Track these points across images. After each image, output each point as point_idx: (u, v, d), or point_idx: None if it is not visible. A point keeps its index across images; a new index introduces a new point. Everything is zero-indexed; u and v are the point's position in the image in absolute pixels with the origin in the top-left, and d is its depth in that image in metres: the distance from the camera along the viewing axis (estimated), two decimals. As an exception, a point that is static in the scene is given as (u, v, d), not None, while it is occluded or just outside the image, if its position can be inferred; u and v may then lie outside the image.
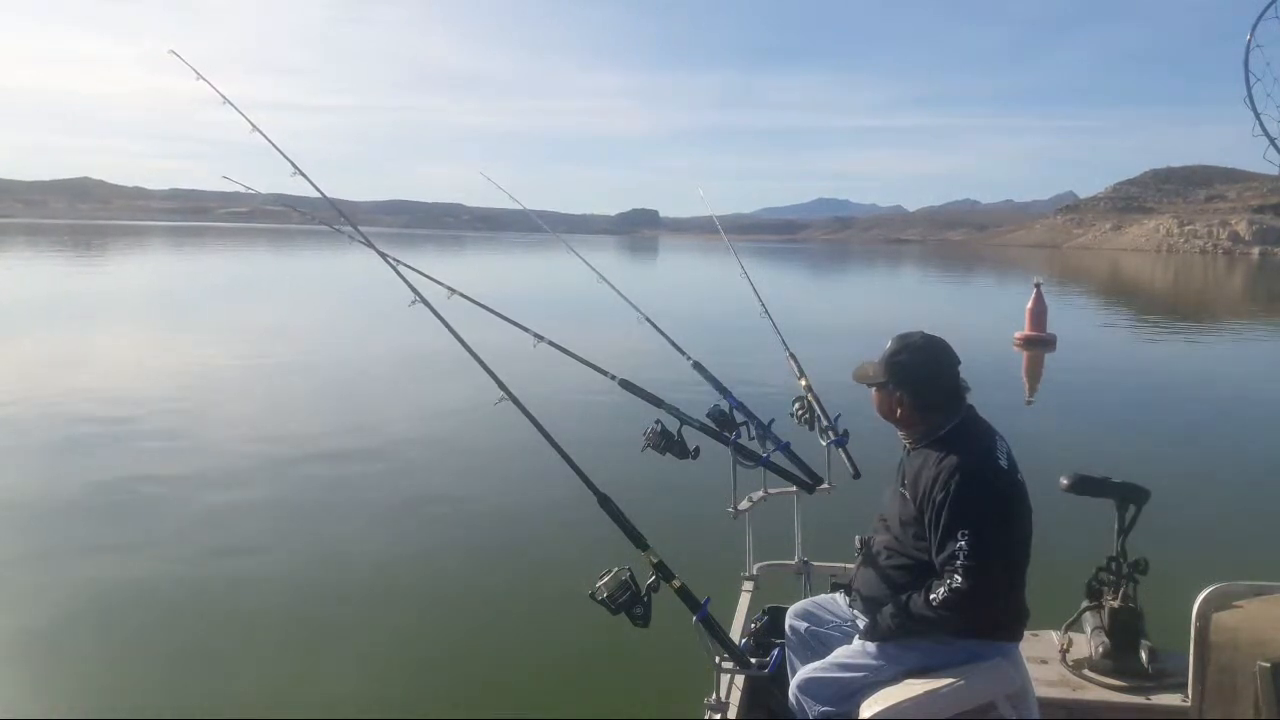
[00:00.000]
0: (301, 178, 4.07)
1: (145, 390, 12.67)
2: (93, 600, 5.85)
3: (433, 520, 7.53)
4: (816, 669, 2.99)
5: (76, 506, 7.65)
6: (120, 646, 5.28)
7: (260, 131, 3.89)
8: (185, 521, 7.33)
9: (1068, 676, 3.49)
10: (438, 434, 10.61)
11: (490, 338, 3.65)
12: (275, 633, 5.47)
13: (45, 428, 10.35)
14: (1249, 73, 3.32)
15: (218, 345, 17.40)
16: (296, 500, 8.00)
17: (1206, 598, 2.82)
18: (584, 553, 5.40)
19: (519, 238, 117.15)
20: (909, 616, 2.78)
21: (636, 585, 2.79)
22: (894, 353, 2.97)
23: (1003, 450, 2.82)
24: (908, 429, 2.97)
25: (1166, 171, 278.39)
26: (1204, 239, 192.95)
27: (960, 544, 2.65)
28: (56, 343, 17.32)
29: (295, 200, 4.92)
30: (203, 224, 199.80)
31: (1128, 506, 3.51)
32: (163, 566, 6.41)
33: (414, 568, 6.51)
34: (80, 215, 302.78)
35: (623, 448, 4.56)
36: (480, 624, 5.68)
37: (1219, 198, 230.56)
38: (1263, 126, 3.33)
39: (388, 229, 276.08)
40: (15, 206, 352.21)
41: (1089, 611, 3.62)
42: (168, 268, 46.36)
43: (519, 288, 33.92)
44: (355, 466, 9.07)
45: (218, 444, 9.87)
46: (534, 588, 6.14)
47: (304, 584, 6.18)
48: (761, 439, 3.93)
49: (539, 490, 7.82)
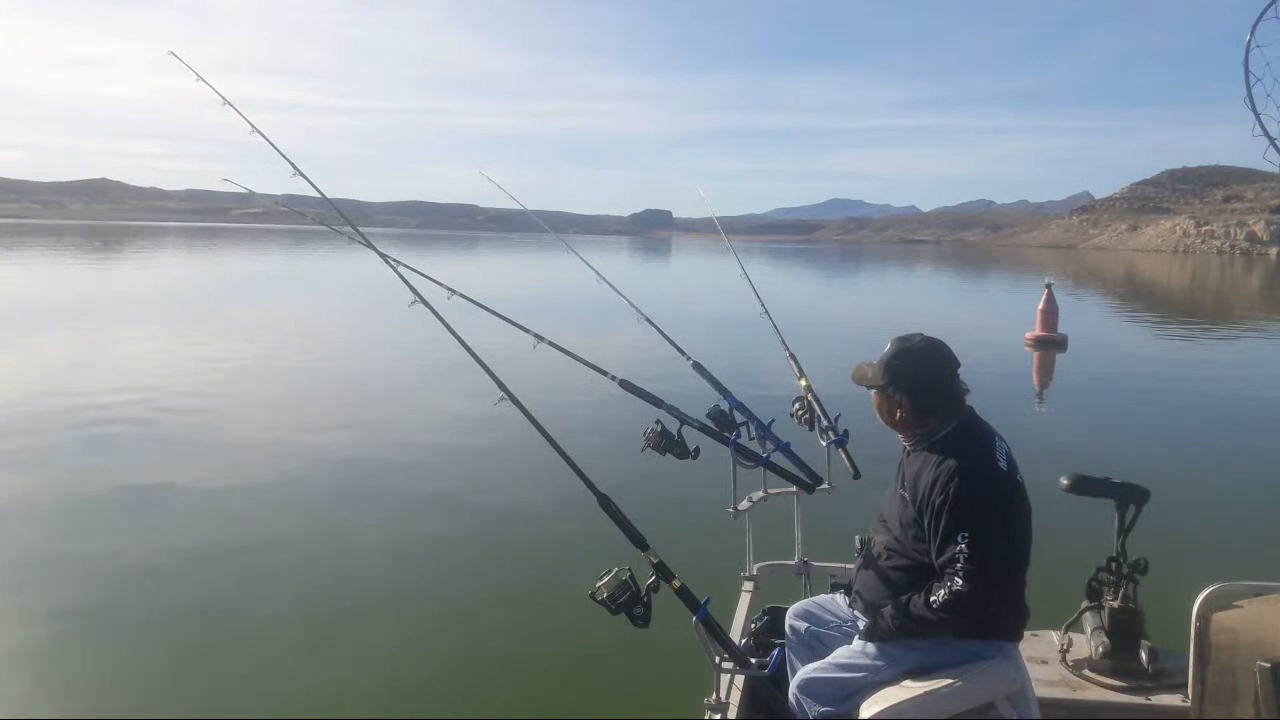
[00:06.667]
0: (308, 181, 4.10)
1: (146, 389, 12.71)
2: (101, 596, 5.90)
3: (431, 520, 7.53)
4: (816, 669, 2.99)
5: (82, 503, 7.72)
6: (127, 645, 5.32)
7: (260, 133, 3.92)
8: (185, 518, 7.40)
9: (1068, 676, 3.48)
10: (437, 434, 10.61)
11: (491, 338, 3.66)
12: (274, 633, 5.50)
13: (56, 423, 10.45)
14: (1249, 73, 3.32)
15: (222, 345, 17.41)
16: (293, 500, 8.00)
17: (1206, 598, 2.81)
18: (584, 553, 5.42)
19: (532, 238, 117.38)
20: (909, 618, 2.79)
21: (636, 585, 2.79)
22: (894, 356, 2.96)
23: (1002, 452, 2.82)
24: (907, 431, 2.96)
25: (1183, 171, 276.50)
26: (1221, 239, 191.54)
27: (960, 547, 2.65)
28: (57, 343, 17.41)
29: (304, 201, 4.95)
30: (218, 224, 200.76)
31: (1128, 506, 3.50)
32: (169, 564, 6.45)
33: (413, 568, 6.51)
34: (97, 216, 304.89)
35: (623, 448, 4.57)
36: (480, 624, 5.68)
37: (1236, 198, 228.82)
38: (1263, 126, 3.32)
39: (402, 229, 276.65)
40: (33, 207, 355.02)
41: (1089, 611, 3.62)
42: (172, 269, 46.55)
43: (521, 288, 33.91)
44: (354, 467, 9.09)
45: (218, 444, 9.92)
46: (534, 588, 6.14)
47: (303, 584, 6.19)
48: (761, 439, 3.93)
49: (539, 490, 7.83)
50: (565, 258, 6.09)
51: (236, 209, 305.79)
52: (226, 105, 4.01)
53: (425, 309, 3.58)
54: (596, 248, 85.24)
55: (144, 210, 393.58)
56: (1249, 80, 3.34)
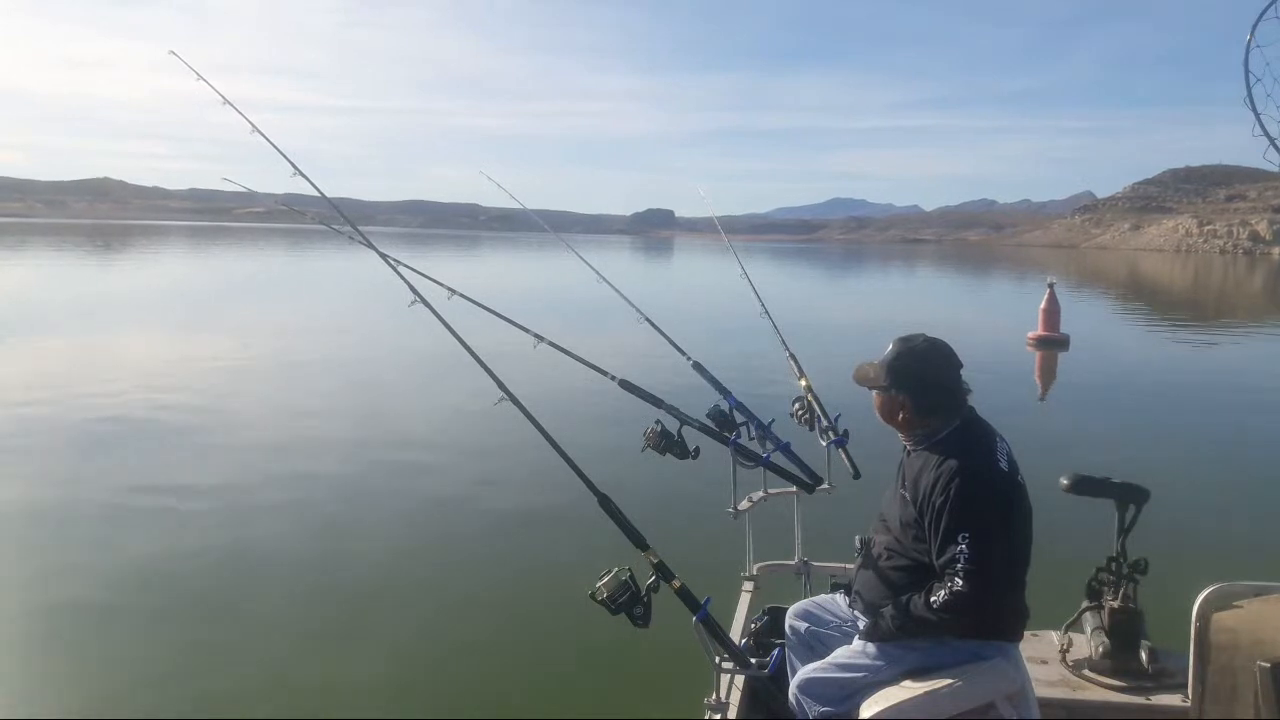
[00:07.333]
0: (308, 180, 4.10)
1: (145, 389, 12.72)
2: (102, 596, 5.91)
3: (431, 520, 7.53)
4: (816, 669, 2.99)
5: (83, 503, 7.73)
6: (128, 644, 5.33)
7: (260, 132, 3.93)
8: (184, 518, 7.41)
9: (1068, 676, 3.48)
10: (436, 434, 10.61)
11: (491, 338, 3.66)
12: (274, 632, 5.50)
13: (57, 423, 10.47)
14: (1249, 73, 3.32)
15: (222, 344, 17.42)
16: (293, 499, 8.01)
17: (1206, 598, 2.81)
18: (584, 553, 5.41)
19: (533, 237, 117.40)
20: (909, 618, 2.79)
21: (636, 585, 2.79)
22: (896, 356, 2.95)
23: (1003, 452, 2.82)
24: (909, 432, 2.96)
25: (1185, 171, 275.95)
26: (1224, 239, 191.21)
27: (960, 547, 2.65)
28: (58, 342, 17.42)
29: (305, 201, 4.96)
30: (221, 224, 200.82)
31: (1128, 506, 3.51)
32: (169, 564, 6.45)
33: (412, 568, 6.51)
34: (100, 215, 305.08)
35: (623, 448, 4.57)
36: (480, 624, 5.68)
37: (1239, 197, 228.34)
38: (1263, 127, 3.33)
39: (404, 228, 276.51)
40: (36, 206, 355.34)
41: (1089, 611, 3.62)
42: (175, 268, 46.61)
43: (522, 288, 33.93)
44: (353, 466, 9.09)
45: (217, 443, 9.93)
46: (534, 588, 6.14)
47: (303, 583, 6.21)
48: (761, 439, 3.93)
49: (539, 490, 7.82)
50: (566, 257, 6.08)
51: (239, 208, 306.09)
52: (227, 105, 4.01)
53: (425, 308, 3.58)
54: (597, 247, 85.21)
55: (147, 209, 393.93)
56: (1249, 80, 3.35)
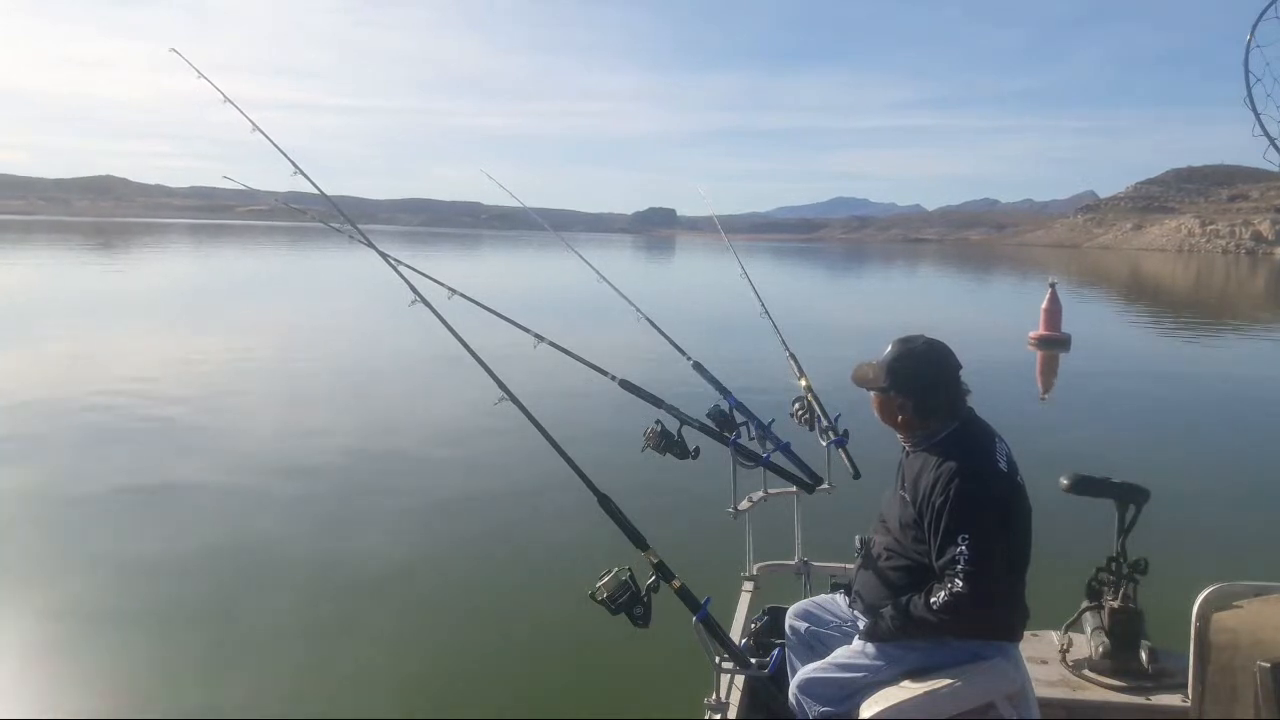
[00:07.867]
0: (308, 179, 4.10)
1: (146, 387, 12.73)
2: (102, 595, 5.93)
3: (430, 520, 7.51)
4: (816, 669, 3.00)
5: (83, 502, 7.72)
6: (128, 644, 5.32)
7: (260, 130, 3.92)
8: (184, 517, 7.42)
9: (1068, 676, 3.48)
10: (436, 433, 10.58)
11: (491, 338, 3.66)
12: (275, 632, 5.50)
13: (58, 423, 10.47)
14: (1249, 73, 3.32)
15: (223, 343, 17.37)
16: (292, 499, 8.01)
17: (1206, 598, 2.80)
18: (584, 553, 5.42)
19: (535, 236, 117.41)
20: (909, 619, 2.79)
21: (636, 585, 2.79)
22: (895, 358, 2.95)
23: (1002, 453, 2.82)
24: (908, 432, 2.96)
25: (1188, 171, 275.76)
26: (1226, 239, 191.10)
27: (960, 548, 2.65)
28: (59, 341, 17.38)
29: (306, 199, 4.95)
30: (222, 221, 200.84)
31: (1128, 506, 3.51)
32: (170, 563, 6.46)
33: (412, 568, 6.50)
34: (103, 213, 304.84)
35: (623, 448, 4.57)
36: (480, 624, 5.68)
37: (1242, 197, 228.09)
38: (1263, 127, 3.32)
39: (406, 227, 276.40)
40: (38, 204, 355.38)
41: (1089, 611, 3.62)
42: (178, 266, 46.65)
43: (522, 287, 33.88)
44: (353, 466, 9.09)
45: (217, 443, 9.93)
46: (534, 588, 6.14)
47: (302, 582, 6.20)
48: (761, 439, 3.93)
49: (539, 490, 7.81)
50: (567, 257, 6.08)
51: (241, 206, 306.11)
52: (228, 104, 4.01)
53: (425, 308, 3.58)
54: (598, 246, 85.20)
55: (150, 207, 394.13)
56: (1249, 80, 3.35)
